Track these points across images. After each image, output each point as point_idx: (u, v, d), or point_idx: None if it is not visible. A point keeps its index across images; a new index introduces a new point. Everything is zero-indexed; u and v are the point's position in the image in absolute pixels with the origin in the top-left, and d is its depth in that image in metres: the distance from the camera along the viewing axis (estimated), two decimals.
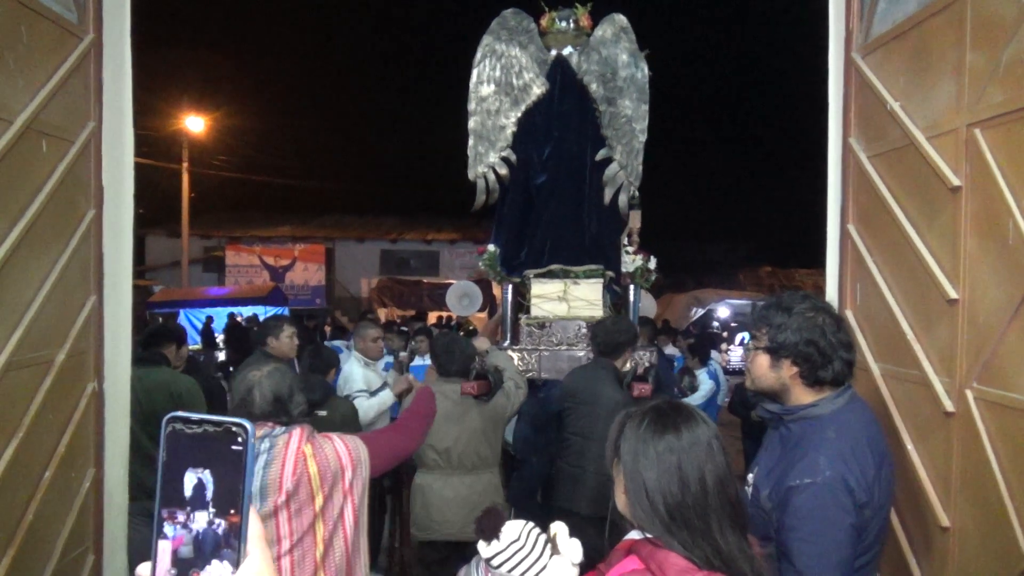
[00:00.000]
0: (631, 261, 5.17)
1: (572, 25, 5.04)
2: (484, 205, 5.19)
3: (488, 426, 3.76)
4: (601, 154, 5.00)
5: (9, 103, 2.13)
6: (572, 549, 1.55)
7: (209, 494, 0.78)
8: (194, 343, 12.96)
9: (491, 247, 5.23)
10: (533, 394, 4.33)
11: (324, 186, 28.62)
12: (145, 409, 3.60)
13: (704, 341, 7.85)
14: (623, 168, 5.00)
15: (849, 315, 2.55)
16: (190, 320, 15.63)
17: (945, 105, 2.02)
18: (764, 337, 1.96)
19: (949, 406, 1.94)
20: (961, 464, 1.93)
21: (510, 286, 5.11)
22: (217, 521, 0.77)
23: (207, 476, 0.78)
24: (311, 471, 2.24)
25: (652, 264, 5.24)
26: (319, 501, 2.26)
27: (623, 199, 5.04)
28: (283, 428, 2.30)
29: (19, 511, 2.25)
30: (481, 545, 1.56)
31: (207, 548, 0.77)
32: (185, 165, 18.56)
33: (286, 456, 2.23)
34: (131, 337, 2.86)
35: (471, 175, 5.06)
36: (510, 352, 4.55)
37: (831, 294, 2.67)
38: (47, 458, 2.38)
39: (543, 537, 1.56)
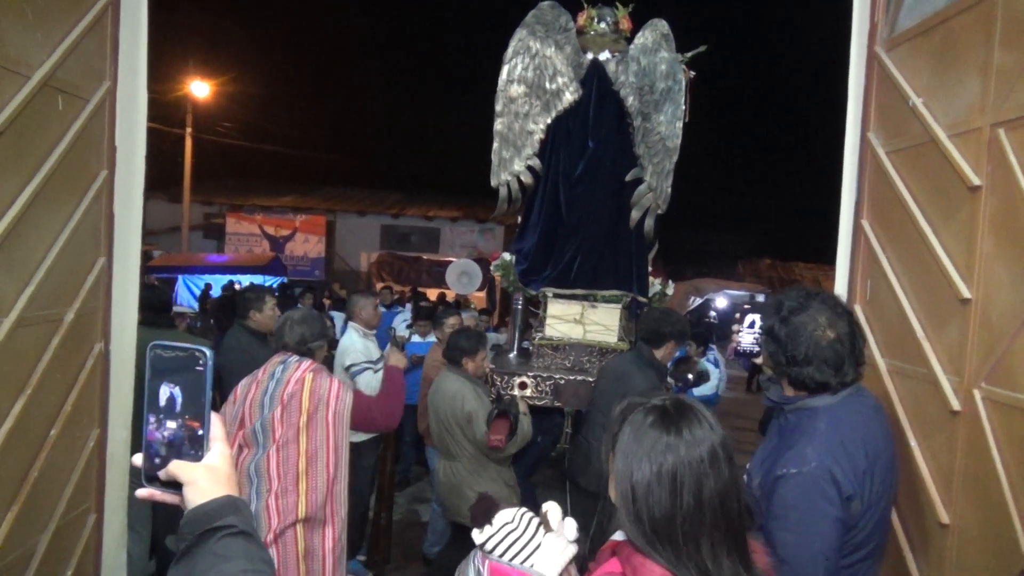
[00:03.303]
0: (650, 285, 4.99)
1: (611, 27, 4.73)
2: (505, 213, 4.91)
3: (455, 424, 3.68)
4: (632, 174, 4.73)
5: (27, 57, 2.11)
6: (566, 526, 1.53)
7: (178, 405, 0.99)
8: (190, 307, 12.97)
9: (506, 255, 4.96)
10: None
11: (327, 158, 28.47)
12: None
13: (703, 328, 7.66)
14: (652, 191, 4.73)
15: (858, 310, 2.56)
16: (188, 286, 15.62)
17: (969, 103, 2.00)
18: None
19: (956, 405, 1.95)
20: (964, 462, 1.93)
21: (521, 296, 4.86)
22: (184, 425, 0.99)
23: (177, 391, 0.99)
24: (305, 391, 2.81)
25: (671, 289, 5.08)
26: (304, 418, 2.78)
27: (649, 223, 4.78)
28: (297, 357, 2.93)
29: (24, 468, 2.25)
30: (475, 532, 1.53)
31: (177, 445, 1.00)
32: (189, 130, 18.41)
33: (291, 377, 2.84)
34: (138, 300, 2.86)
35: (494, 182, 4.74)
36: (525, 378, 4.37)
37: (840, 289, 2.67)
38: (53, 416, 2.39)
39: (536, 520, 1.53)
